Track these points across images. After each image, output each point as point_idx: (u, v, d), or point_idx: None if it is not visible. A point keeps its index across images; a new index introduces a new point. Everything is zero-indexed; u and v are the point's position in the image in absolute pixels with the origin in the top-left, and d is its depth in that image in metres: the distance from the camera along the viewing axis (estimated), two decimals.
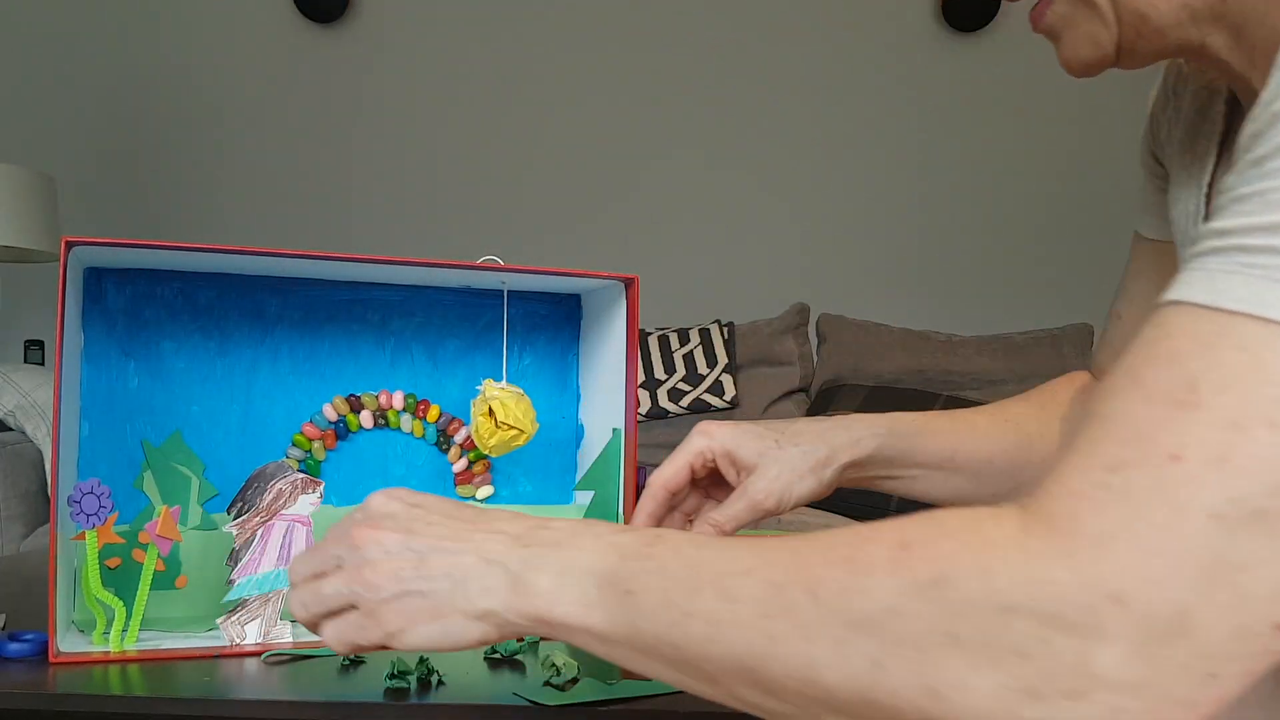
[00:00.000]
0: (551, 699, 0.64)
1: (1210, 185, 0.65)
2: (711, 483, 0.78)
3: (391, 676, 0.67)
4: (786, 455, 0.73)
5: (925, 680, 0.42)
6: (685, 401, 2.62)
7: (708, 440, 0.73)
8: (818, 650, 0.44)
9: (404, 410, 0.90)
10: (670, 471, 0.73)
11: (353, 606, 0.54)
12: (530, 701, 0.64)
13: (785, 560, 0.46)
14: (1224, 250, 0.42)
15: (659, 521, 0.75)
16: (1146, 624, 0.39)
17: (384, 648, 0.53)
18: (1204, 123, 0.67)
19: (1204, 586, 0.39)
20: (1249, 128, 0.44)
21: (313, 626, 0.56)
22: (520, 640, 0.76)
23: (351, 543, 0.55)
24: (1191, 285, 0.42)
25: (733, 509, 0.73)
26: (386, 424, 0.90)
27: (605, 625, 0.49)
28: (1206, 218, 0.63)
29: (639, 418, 2.65)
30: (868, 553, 0.44)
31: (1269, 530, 0.39)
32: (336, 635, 0.54)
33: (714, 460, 0.74)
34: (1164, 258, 0.78)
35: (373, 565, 0.53)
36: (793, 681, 0.45)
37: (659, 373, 2.69)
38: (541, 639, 0.76)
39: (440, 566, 0.52)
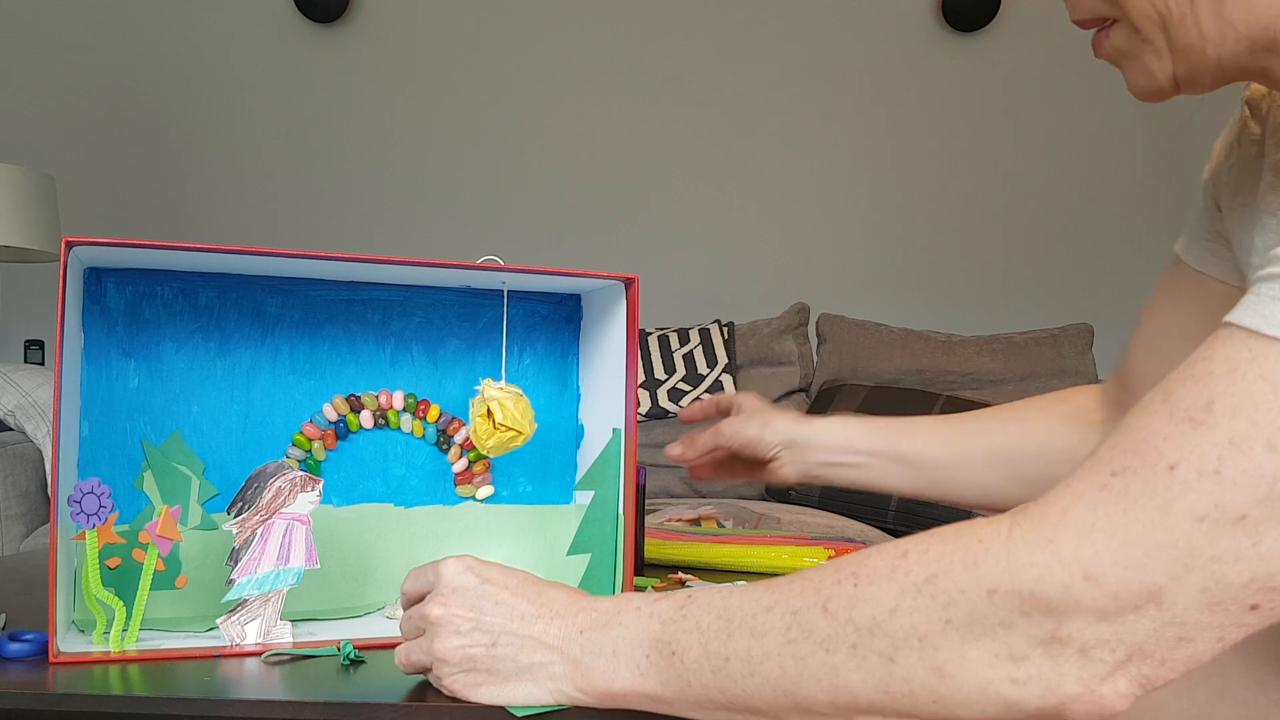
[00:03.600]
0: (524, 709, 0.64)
1: None
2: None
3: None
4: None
5: (931, 663, 0.47)
6: (685, 402, 2.62)
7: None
8: (838, 659, 0.49)
9: (404, 410, 0.90)
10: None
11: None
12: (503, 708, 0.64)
13: (799, 589, 0.52)
14: (1277, 277, 0.45)
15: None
16: (1117, 598, 0.44)
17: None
18: None
19: (1178, 572, 0.43)
20: None
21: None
22: None
23: (428, 617, 0.62)
24: (1244, 308, 0.45)
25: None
26: (386, 424, 0.90)
27: (660, 688, 0.55)
28: None
29: (639, 418, 2.65)
30: (871, 566, 0.50)
31: (1250, 532, 0.42)
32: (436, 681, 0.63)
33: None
34: (1187, 278, 0.80)
35: (444, 643, 0.61)
36: (823, 693, 0.50)
37: (659, 373, 2.69)
38: None
39: (508, 649, 0.59)
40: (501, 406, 0.83)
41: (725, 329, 2.78)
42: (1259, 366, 0.43)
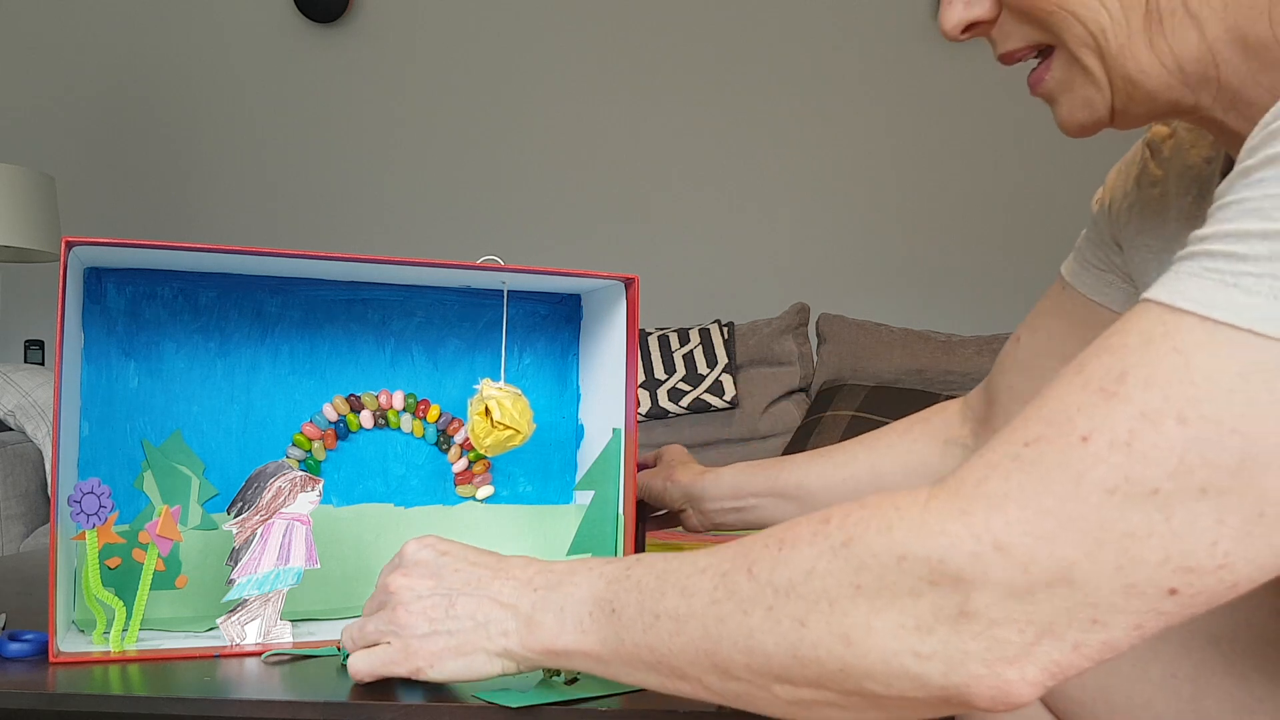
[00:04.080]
0: (514, 700, 0.64)
1: None
2: None
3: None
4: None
5: (838, 629, 0.47)
6: (685, 401, 2.62)
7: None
8: (754, 620, 0.49)
9: (404, 410, 0.90)
10: None
11: (388, 641, 0.63)
12: (488, 702, 0.64)
13: (734, 551, 0.52)
14: (1195, 255, 0.45)
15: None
16: (1027, 571, 0.43)
17: (414, 678, 0.63)
18: (1204, 202, 0.68)
19: (1090, 547, 0.42)
20: (1245, 145, 0.45)
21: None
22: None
23: (388, 588, 0.64)
24: (1161, 285, 0.45)
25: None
26: (386, 424, 0.90)
27: (598, 645, 0.56)
28: None
29: (639, 418, 2.64)
30: (795, 531, 0.50)
31: (1161, 506, 0.42)
32: (368, 666, 0.64)
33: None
34: (1075, 304, 0.83)
35: (406, 607, 0.62)
36: (739, 655, 0.50)
37: (659, 373, 2.69)
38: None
39: (465, 609, 0.61)
40: (499, 405, 0.83)
41: (725, 329, 2.78)
42: (1172, 339, 0.43)
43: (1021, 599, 0.43)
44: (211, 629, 0.79)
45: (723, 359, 2.70)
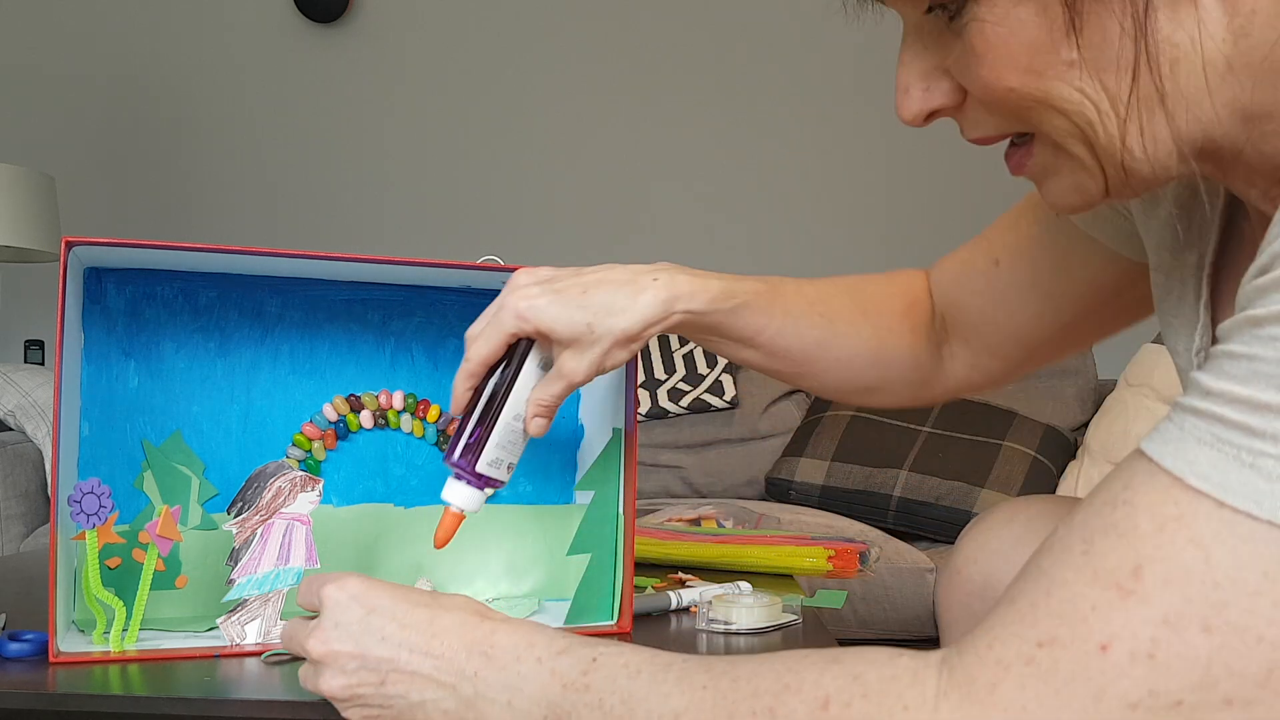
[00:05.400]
0: None
1: (1212, 270, 0.62)
2: None
3: None
4: (598, 336, 0.72)
5: None
6: (685, 401, 2.62)
7: (522, 323, 0.73)
8: None
9: (404, 410, 0.90)
10: (488, 351, 0.74)
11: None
12: None
13: (712, 705, 0.48)
14: (1204, 415, 0.42)
15: (478, 385, 0.75)
16: None
17: None
18: (1195, 204, 0.63)
19: None
20: (1254, 269, 0.43)
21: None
22: None
23: (309, 653, 0.59)
24: (1166, 443, 0.42)
25: (552, 389, 0.74)
26: (386, 424, 0.90)
27: None
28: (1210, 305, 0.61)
29: (639, 418, 2.64)
30: (790, 707, 0.46)
31: (1185, 717, 0.40)
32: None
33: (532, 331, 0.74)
34: (1067, 237, 0.77)
35: (329, 680, 0.58)
36: None
37: (659, 373, 2.69)
38: None
39: (398, 687, 0.56)
40: None
41: None
42: (1188, 528, 0.40)
43: None
44: (211, 629, 0.79)
45: (723, 359, 2.71)
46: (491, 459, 0.75)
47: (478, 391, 0.75)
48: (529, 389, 0.75)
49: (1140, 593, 0.40)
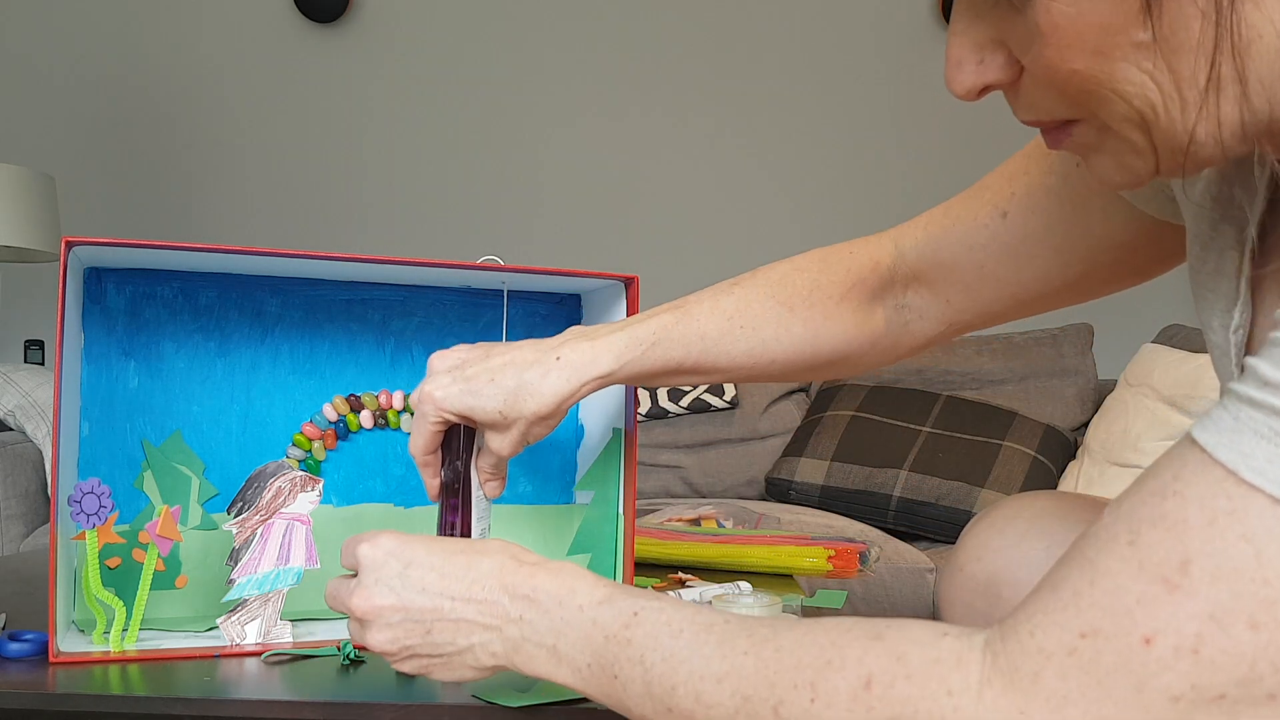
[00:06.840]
0: (513, 700, 0.64)
1: (1256, 239, 0.59)
2: None
3: None
4: (512, 420, 0.73)
5: None
6: (685, 401, 2.62)
7: (441, 413, 0.72)
8: None
9: (404, 410, 0.90)
10: (422, 443, 0.74)
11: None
12: (487, 702, 0.64)
13: (754, 673, 0.48)
14: (1262, 407, 0.41)
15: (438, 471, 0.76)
16: None
17: None
18: (1238, 175, 0.61)
19: None
20: None
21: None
22: None
23: (352, 612, 0.59)
24: (1220, 433, 0.41)
25: (488, 460, 0.76)
26: (386, 424, 0.90)
27: (599, 696, 0.54)
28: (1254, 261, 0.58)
29: (639, 418, 2.64)
30: (832, 684, 0.46)
31: (1227, 711, 0.40)
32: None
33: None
34: (1084, 189, 0.73)
35: (376, 634, 0.59)
36: None
37: None
38: None
39: (444, 634, 0.57)
40: None
41: None
42: (1240, 523, 0.39)
43: None
44: (211, 629, 0.79)
45: None
46: (476, 534, 0.77)
47: (443, 478, 0.76)
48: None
49: (1187, 587, 0.40)
